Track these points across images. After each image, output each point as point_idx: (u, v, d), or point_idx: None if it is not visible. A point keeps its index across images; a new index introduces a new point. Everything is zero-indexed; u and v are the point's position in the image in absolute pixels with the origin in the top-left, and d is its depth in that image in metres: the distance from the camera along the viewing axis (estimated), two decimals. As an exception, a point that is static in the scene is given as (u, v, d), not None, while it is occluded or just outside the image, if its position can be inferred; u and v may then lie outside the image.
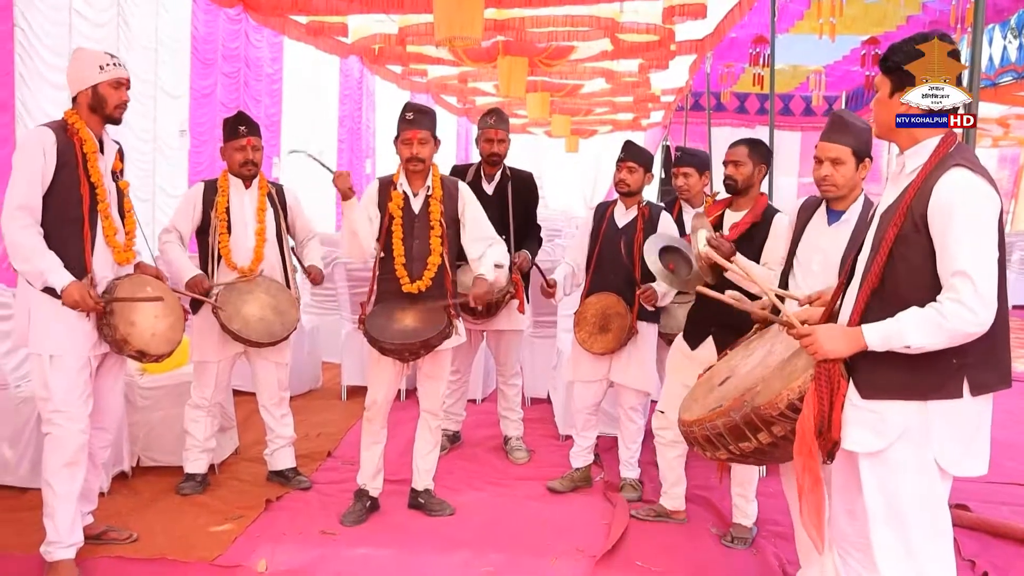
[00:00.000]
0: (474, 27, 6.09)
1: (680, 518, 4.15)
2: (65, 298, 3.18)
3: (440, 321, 3.84)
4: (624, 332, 4.21)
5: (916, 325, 2.25)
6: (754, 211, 3.80)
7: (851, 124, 3.09)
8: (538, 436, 5.42)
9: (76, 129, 3.31)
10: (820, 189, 3.21)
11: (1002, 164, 17.63)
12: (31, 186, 3.20)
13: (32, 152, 3.22)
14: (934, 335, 2.23)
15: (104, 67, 3.33)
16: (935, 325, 2.23)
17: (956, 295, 2.22)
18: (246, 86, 8.72)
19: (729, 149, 3.87)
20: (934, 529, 2.38)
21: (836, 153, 3.10)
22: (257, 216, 4.28)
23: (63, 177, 3.25)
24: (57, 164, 3.24)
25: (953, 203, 2.26)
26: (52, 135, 3.26)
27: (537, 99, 11.74)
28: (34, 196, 3.21)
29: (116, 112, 3.37)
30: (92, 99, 3.34)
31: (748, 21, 7.86)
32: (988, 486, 4.47)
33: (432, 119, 3.95)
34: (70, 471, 3.35)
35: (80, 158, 3.29)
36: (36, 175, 3.20)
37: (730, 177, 3.82)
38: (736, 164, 3.80)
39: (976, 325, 2.22)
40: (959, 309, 2.20)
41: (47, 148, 3.22)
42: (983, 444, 2.40)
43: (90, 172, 3.32)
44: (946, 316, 2.21)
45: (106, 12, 6.46)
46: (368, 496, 4.10)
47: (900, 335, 2.27)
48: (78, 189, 3.28)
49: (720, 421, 2.55)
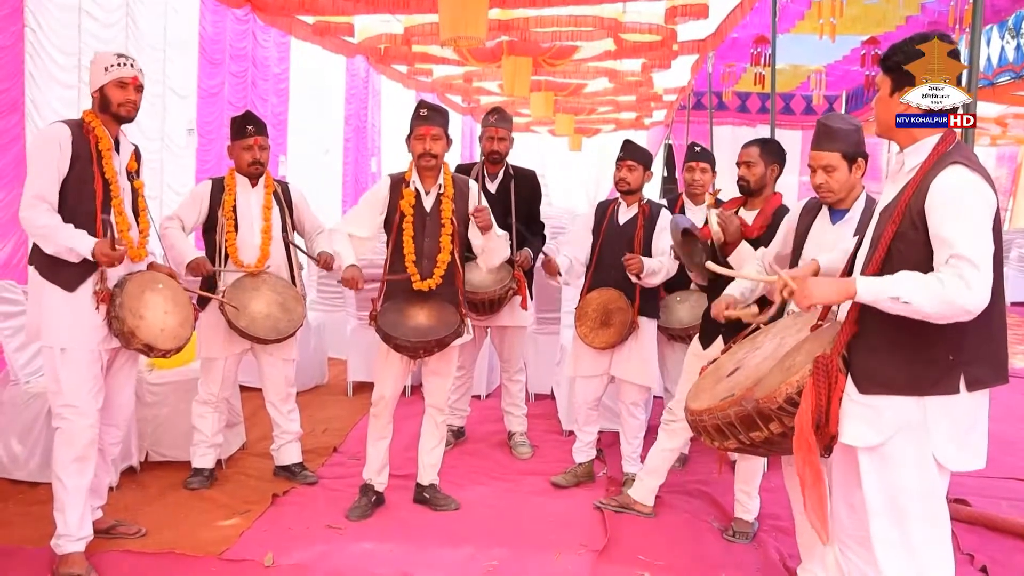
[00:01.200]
0: (478, 27, 6.11)
1: (646, 512, 4.11)
2: (97, 258, 3.25)
3: (454, 320, 3.88)
4: (625, 327, 4.25)
5: (912, 280, 2.24)
6: (764, 212, 3.80)
7: (837, 129, 3.08)
8: (542, 432, 5.46)
9: (92, 127, 3.39)
10: (819, 196, 3.23)
11: (1000, 162, 17.64)
12: (47, 177, 3.29)
13: (48, 146, 3.32)
14: (926, 297, 2.21)
15: (109, 68, 3.40)
16: (931, 289, 2.21)
17: (957, 271, 2.21)
18: (253, 85, 8.75)
19: (742, 149, 3.88)
20: (933, 522, 2.40)
21: (826, 160, 3.11)
22: (263, 214, 4.32)
23: (77, 171, 3.32)
24: (72, 158, 3.31)
25: (949, 198, 2.28)
26: (68, 130, 3.35)
27: (541, 98, 11.74)
28: (50, 187, 3.29)
29: (121, 110, 3.42)
30: (100, 100, 3.42)
31: (749, 21, 7.87)
32: (986, 481, 4.50)
33: (445, 117, 3.99)
34: (79, 465, 3.40)
35: (95, 154, 3.37)
36: (52, 167, 3.29)
37: (743, 178, 3.84)
38: (748, 165, 3.81)
39: (969, 301, 2.19)
40: (959, 283, 2.19)
41: (63, 142, 3.31)
42: (980, 439, 2.41)
43: (104, 169, 3.38)
44: (945, 284, 2.20)
45: (115, 12, 6.50)
46: (373, 491, 4.14)
47: (894, 285, 2.25)
48: (92, 184, 3.35)
49: (732, 410, 2.55)
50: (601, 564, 3.62)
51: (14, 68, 5.36)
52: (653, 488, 4.13)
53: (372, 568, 3.54)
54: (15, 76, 5.37)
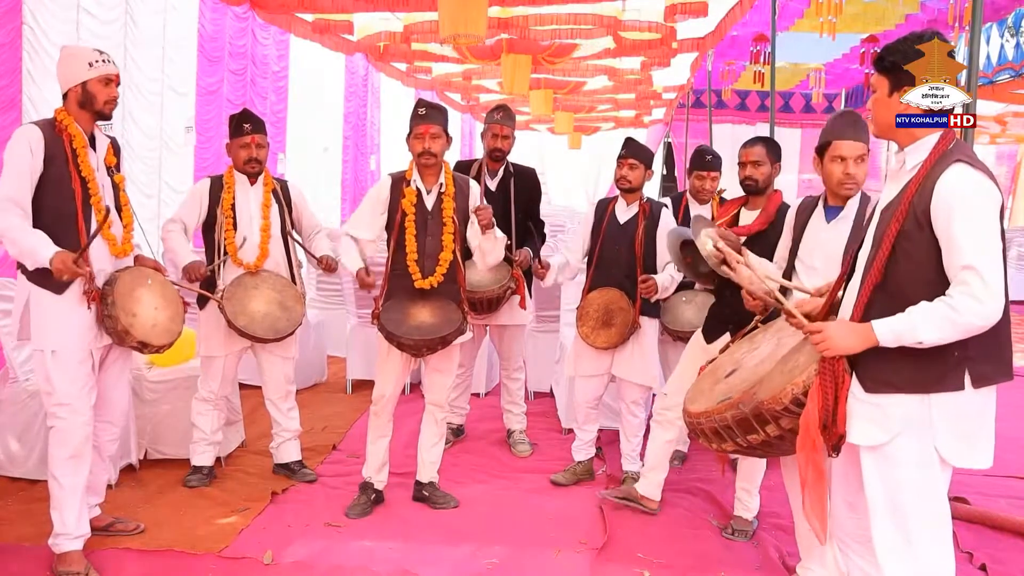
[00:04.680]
0: (478, 25, 6.11)
1: (652, 507, 4.09)
2: (53, 268, 3.17)
3: (456, 318, 3.89)
4: (627, 327, 4.25)
5: (927, 320, 2.26)
6: (767, 210, 3.75)
7: (865, 122, 3.04)
8: (541, 430, 5.47)
9: (65, 125, 3.33)
10: (843, 188, 3.15)
11: (1000, 161, 17.63)
12: (19, 181, 3.23)
13: (19, 149, 3.25)
14: (945, 329, 2.24)
15: (93, 64, 3.35)
16: (947, 320, 2.23)
17: (966, 288, 2.23)
18: (252, 83, 8.74)
19: (746, 149, 3.80)
20: (934, 521, 2.39)
21: (862, 151, 3.09)
22: (262, 212, 4.31)
23: (52, 172, 3.27)
24: (45, 159, 3.26)
25: (956, 199, 2.28)
26: (39, 131, 3.28)
27: (540, 96, 11.74)
28: (22, 191, 3.23)
29: (106, 108, 3.39)
30: (82, 95, 3.35)
31: (749, 19, 7.87)
32: (987, 479, 4.51)
33: (444, 115, 3.99)
34: (75, 464, 3.39)
35: (69, 153, 3.31)
36: (24, 171, 3.23)
37: (750, 177, 3.77)
38: (756, 164, 3.75)
39: (985, 318, 2.24)
40: (970, 302, 2.21)
41: (34, 145, 3.25)
42: (987, 436, 2.41)
43: (81, 167, 3.33)
44: (958, 310, 2.22)
45: (114, 10, 6.48)
46: (373, 489, 4.14)
47: (912, 331, 2.27)
48: (69, 184, 3.30)
49: (729, 414, 2.55)
50: (600, 562, 3.62)
51: (12, 65, 5.34)
52: (659, 482, 4.11)
53: (371, 566, 3.54)
54: (13, 73, 5.35)
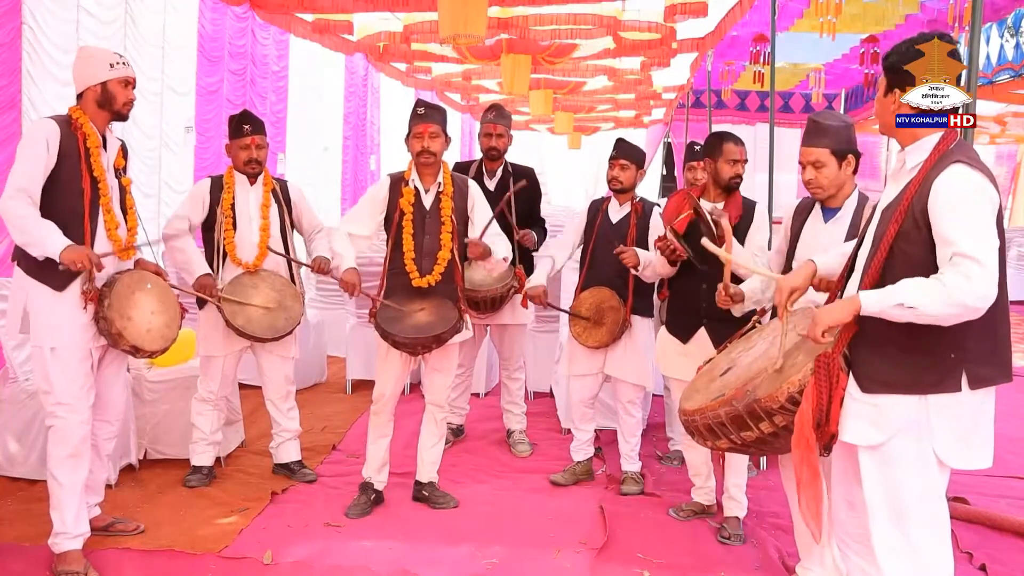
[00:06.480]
0: (478, 25, 6.11)
1: (715, 511, 4.12)
2: (64, 259, 3.16)
3: (452, 316, 3.89)
4: (618, 326, 4.25)
5: (915, 286, 2.23)
6: (735, 203, 3.85)
7: (827, 126, 3.10)
8: (541, 430, 5.47)
9: (80, 124, 3.35)
10: (809, 191, 3.27)
11: (999, 161, 17.61)
12: (32, 173, 3.23)
13: (36, 142, 3.26)
14: (932, 298, 2.19)
15: (114, 65, 3.39)
16: (934, 290, 2.20)
17: (955, 269, 2.20)
18: (252, 83, 8.75)
19: (735, 147, 3.87)
20: (933, 521, 2.40)
21: (815, 156, 3.14)
22: (261, 212, 4.31)
23: (65, 169, 3.29)
24: (60, 156, 3.27)
25: (951, 197, 2.28)
26: (56, 126, 3.30)
27: (540, 96, 11.73)
28: (34, 182, 3.24)
29: (124, 109, 3.43)
30: (101, 95, 3.38)
31: (749, 20, 7.86)
32: (987, 479, 4.51)
33: (442, 115, 4.00)
34: (73, 463, 3.39)
35: (83, 152, 3.33)
36: (38, 163, 3.24)
37: (739, 175, 3.88)
38: (745, 163, 3.86)
39: (977, 298, 2.18)
40: (959, 279, 2.18)
41: (51, 139, 3.26)
42: (985, 437, 2.40)
43: (93, 167, 3.35)
44: (947, 285, 2.19)
45: (113, 10, 6.49)
46: (373, 489, 4.14)
47: (898, 295, 2.24)
48: (80, 183, 3.32)
49: (723, 410, 2.57)
50: (600, 562, 3.62)
51: (11, 65, 5.35)
52: (713, 488, 4.12)
53: (371, 566, 3.54)
54: (12, 73, 5.36)
